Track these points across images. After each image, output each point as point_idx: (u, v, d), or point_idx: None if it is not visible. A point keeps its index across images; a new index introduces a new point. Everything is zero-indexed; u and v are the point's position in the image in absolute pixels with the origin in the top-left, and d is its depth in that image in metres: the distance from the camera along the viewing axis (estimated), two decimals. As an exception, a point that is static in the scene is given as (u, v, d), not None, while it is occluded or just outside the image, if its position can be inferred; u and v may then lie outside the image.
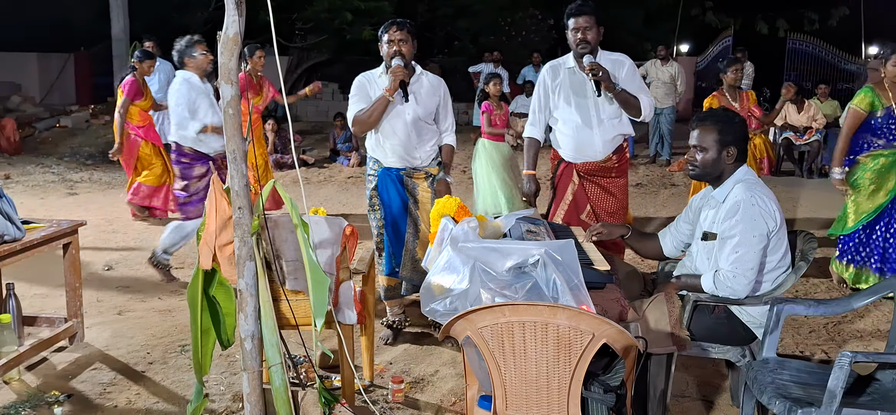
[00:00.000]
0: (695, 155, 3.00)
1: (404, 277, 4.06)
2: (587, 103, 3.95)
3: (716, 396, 3.49)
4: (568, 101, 3.99)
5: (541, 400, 2.26)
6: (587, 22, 3.82)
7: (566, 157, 4.08)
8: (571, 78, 3.99)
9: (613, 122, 3.96)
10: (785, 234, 2.96)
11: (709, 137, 2.96)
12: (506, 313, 2.22)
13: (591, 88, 3.88)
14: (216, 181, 2.63)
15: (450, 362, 3.86)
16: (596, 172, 4.01)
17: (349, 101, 4.09)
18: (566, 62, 4.04)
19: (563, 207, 4.06)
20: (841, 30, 18.64)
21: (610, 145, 3.99)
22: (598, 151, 3.98)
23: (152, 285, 5.19)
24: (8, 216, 3.44)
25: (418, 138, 4.00)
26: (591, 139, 3.96)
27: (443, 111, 4.14)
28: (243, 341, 2.53)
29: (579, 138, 3.99)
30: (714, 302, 2.93)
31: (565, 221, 3.98)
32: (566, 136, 4.04)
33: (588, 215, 4.01)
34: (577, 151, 4.02)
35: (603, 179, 4.03)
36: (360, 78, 4.07)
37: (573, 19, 3.86)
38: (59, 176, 9.77)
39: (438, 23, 18.45)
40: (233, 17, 2.33)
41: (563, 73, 4.02)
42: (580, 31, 3.83)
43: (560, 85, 4.02)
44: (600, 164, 4.00)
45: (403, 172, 4.02)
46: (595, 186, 4.03)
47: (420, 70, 4.07)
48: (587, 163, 4.01)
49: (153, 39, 9.24)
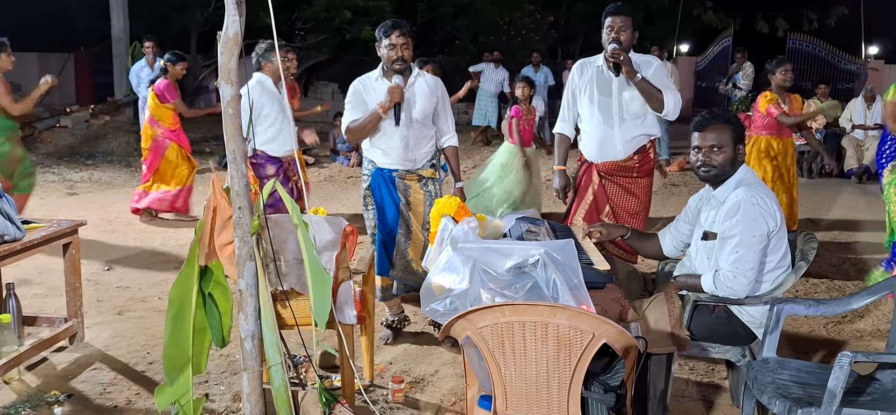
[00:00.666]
0: (711, 156, 2.96)
1: (396, 277, 4.05)
2: (610, 102, 3.95)
3: (716, 396, 3.49)
4: (592, 99, 4.00)
5: (541, 400, 2.26)
6: (623, 22, 3.85)
7: (588, 156, 4.09)
8: (598, 76, 3.99)
9: (636, 121, 3.96)
10: (785, 234, 2.96)
11: (725, 135, 2.95)
12: (506, 312, 2.22)
13: (616, 88, 3.91)
14: (216, 181, 2.62)
15: (450, 361, 3.86)
16: (616, 171, 4.01)
17: (345, 106, 4.08)
18: (595, 61, 4.05)
19: (584, 207, 4.06)
20: (840, 29, 18.65)
21: (631, 145, 3.99)
22: (618, 151, 3.98)
23: (152, 285, 5.19)
24: (8, 216, 3.44)
25: (414, 142, 3.99)
26: (612, 138, 3.97)
27: (442, 113, 4.12)
28: (243, 340, 2.53)
29: (601, 137, 3.99)
30: (714, 302, 2.93)
31: (586, 220, 3.97)
32: (588, 134, 4.06)
33: (607, 215, 4.02)
34: (599, 151, 4.02)
35: (624, 179, 4.02)
36: (356, 84, 4.04)
37: (610, 18, 3.87)
38: (59, 176, 9.77)
39: (438, 22, 18.46)
40: (233, 18, 2.33)
41: (591, 72, 4.03)
42: (615, 29, 3.84)
43: (587, 83, 4.03)
44: (621, 163, 4.00)
45: (396, 174, 4.01)
46: (615, 186, 4.03)
47: (417, 71, 4.06)
48: (607, 162, 4.01)
49: (153, 39, 9.24)
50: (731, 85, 12.26)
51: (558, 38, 19.25)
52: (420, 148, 4.03)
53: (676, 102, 3.89)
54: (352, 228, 3.09)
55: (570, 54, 19.71)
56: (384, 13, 14.69)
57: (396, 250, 4.00)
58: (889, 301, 4.67)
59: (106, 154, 11.22)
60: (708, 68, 18.36)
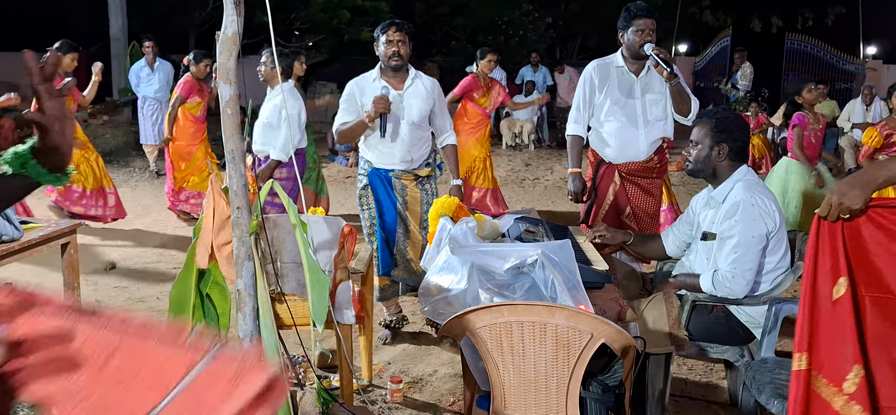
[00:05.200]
0: (689, 150, 3.06)
1: (397, 277, 4.05)
2: (634, 104, 3.94)
3: (714, 396, 3.49)
4: (616, 100, 3.97)
5: (539, 400, 2.26)
6: (652, 25, 3.84)
7: (608, 157, 4.06)
8: (621, 78, 3.97)
9: (659, 123, 3.97)
10: (784, 234, 2.96)
11: (702, 132, 3.01)
12: (504, 312, 2.22)
13: (640, 89, 3.90)
14: (214, 180, 2.63)
15: (448, 361, 3.86)
16: (638, 172, 4.01)
17: (339, 107, 4.07)
18: (615, 61, 4.01)
19: (605, 208, 4.05)
20: (839, 29, 18.67)
21: (653, 147, 4.00)
22: (642, 152, 3.98)
23: (151, 286, 5.19)
24: (7, 216, 3.43)
25: (411, 143, 3.99)
26: (636, 140, 3.96)
27: (439, 113, 4.11)
28: (241, 341, 2.52)
29: (624, 138, 3.97)
30: (713, 302, 2.93)
31: (606, 222, 3.96)
32: (611, 135, 4.02)
33: (629, 217, 4.01)
34: (621, 151, 4.00)
35: (644, 180, 4.02)
36: (351, 85, 4.03)
37: (642, 20, 3.83)
38: (58, 176, 9.75)
39: (436, 22, 18.45)
40: (231, 17, 2.33)
41: (613, 73, 3.99)
42: (646, 31, 3.82)
43: (608, 85, 4.00)
44: (643, 164, 4.00)
45: (393, 174, 4.00)
46: (635, 187, 4.02)
47: (415, 73, 4.04)
48: (629, 163, 4.00)
49: (152, 39, 9.23)
50: (730, 85, 12.27)
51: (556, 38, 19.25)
52: (417, 149, 4.03)
53: (697, 106, 3.93)
54: (350, 228, 3.09)
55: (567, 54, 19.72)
56: (382, 13, 14.68)
57: (396, 249, 4.01)
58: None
59: (104, 154, 11.19)
60: (706, 68, 18.37)
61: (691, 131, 3.09)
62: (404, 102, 3.96)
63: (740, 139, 2.99)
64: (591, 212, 4.13)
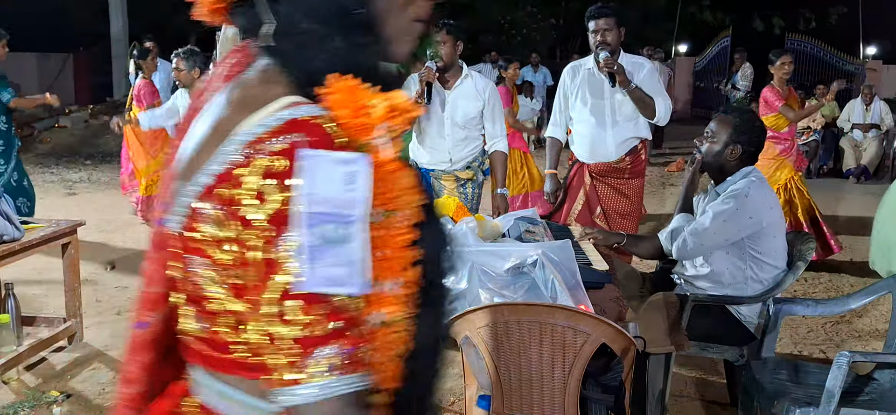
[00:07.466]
0: (703, 140, 3.03)
1: None
2: (603, 104, 3.95)
3: (714, 396, 3.49)
4: (584, 101, 3.99)
5: (539, 400, 2.26)
6: (607, 24, 3.83)
7: (580, 157, 4.10)
8: (590, 79, 3.99)
9: (629, 124, 3.96)
10: (781, 234, 2.96)
11: (721, 127, 2.98)
12: (504, 312, 2.23)
13: (608, 90, 3.90)
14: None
15: (448, 361, 3.86)
16: (608, 172, 4.02)
17: None
18: (586, 63, 4.05)
19: (577, 208, 4.07)
20: (839, 29, 18.67)
21: (623, 147, 4.00)
22: (610, 152, 3.99)
23: (151, 285, 5.18)
24: (7, 216, 3.44)
25: (453, 143, 3.91)
26: (605, 140, 3.97)
27: (489, 116, 3.95)
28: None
29: (593, 139, 3.99)
30: (712, 301, 2.93)
31: (578, 221, 3.98)
32: (581, 136, 4.06)
33: (599, 216, 4.02)
34: (591, 152, 4.03)
35: (615, 180, 4.03)
36: None
37: (593, 21, 3.87)
38: (58, 176, 9.77)
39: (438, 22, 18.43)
40: (232, 18, 2.33)
41: (583, 74, 4.02)
42: (599, 32, 3.84)
43: (578, 85, 4.03)
44: (613, 165, 4.01)
45: (432, 174, 3.95)
46: (607, 187, 4.04)
47: (468, 72, 3.97)
48: (599, 163, 4.02)
49: (152, 39, 9.23)
50: (730, 86, 12.26)
51: (558, 38, 19.26)
52: (459, 150, 3.94)
53: (667, 109, 3.93)
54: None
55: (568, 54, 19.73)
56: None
57: None
58: (887, 301, 4.68)
59: (105, 154, 11.22)
60: (706, 68, 18.35)
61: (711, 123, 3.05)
62: (450, 101, 3.90)
63: (755, 145, 2.97)
64: (562, 209, 4.15)
